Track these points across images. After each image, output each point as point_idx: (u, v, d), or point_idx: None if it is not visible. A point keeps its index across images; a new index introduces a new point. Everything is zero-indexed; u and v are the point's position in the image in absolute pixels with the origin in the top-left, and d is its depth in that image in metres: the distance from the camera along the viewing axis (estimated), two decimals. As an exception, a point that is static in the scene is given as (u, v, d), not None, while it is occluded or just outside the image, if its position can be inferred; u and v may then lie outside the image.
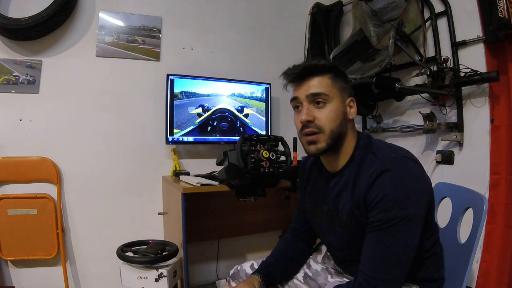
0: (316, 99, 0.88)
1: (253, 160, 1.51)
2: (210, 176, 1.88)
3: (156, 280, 1.53)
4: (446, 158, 1.62)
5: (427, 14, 1.69)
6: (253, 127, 2.22)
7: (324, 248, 1.11)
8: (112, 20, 2.00)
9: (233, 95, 2.17)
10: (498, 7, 1.29)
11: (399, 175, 0.80)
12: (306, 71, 0.90)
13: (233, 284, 1.08)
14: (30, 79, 1.83)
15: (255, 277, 0.99)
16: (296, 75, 0.91)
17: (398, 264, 0.79)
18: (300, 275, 1.07)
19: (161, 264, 1.57)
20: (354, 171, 0.88)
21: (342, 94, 0.91)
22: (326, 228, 0.99)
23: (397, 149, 0.88)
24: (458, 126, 1.56)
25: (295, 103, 0.92)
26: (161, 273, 1.53)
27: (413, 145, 1.77)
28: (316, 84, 0.88)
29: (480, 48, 1.49)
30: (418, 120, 1.66)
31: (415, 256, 0.81)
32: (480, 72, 1.43)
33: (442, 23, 1.64)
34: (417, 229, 0.80)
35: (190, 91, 2.05)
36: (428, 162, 1.69)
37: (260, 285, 0.97)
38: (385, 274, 0.78)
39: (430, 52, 1.68)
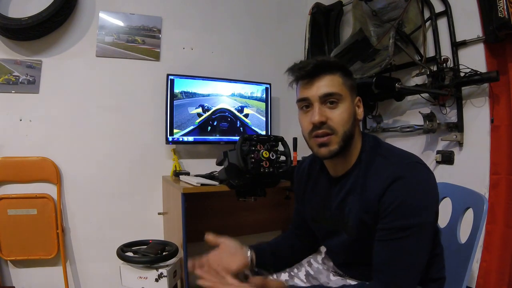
0: (329, 99, 0.82)
1: (253, 160, 1.51)
2: (210, 176, 1.88)
3: (156, 280, 1.53)
4: (446, 158, 1.62)
5: (427, 14, 1.69)
6: (253, 127, 2.22)
7: (323, 249, 1.10)
8: (112, 20, 2.00)
9: (233, 95, 2.16)
10: (498, 7, 1.29)
11: (415, 182, 0.78)
12: (317, 69, 0.82)
13: None
14: (30, 79, 1.83)
15: (245, 248, 0.94)
16: (306, 73, 0.83)
17: (415, 270, 0.78)
18: (302, 274, 1.05)
19: (161, 264, 1.57)
20: (361, 174, 0.84)
21: (352, 94, 0.86)
22: (329, 234, 0.96)
23: (408, 154, 0.85)
24: (458, 126, 1.56)
25: (304, 103, 0.85)
26: (161, 273, 1.53)
27: (413, 145, 1.77)
28: (329, 83, 0.82)
29: (480, 48, 1.49)
30: (418, 120, 1.66)
31: None
32: (480, 72, 1.43)
33: (442, 23, 1.65)
34: (431, 236, 0.80)
35: (190, 91, 2.04)
36: (428, 162, 1.67)
37: (249, 255, 0.93)
38: (403, 282, 0.78)
39: (430, 52, 1.68)
